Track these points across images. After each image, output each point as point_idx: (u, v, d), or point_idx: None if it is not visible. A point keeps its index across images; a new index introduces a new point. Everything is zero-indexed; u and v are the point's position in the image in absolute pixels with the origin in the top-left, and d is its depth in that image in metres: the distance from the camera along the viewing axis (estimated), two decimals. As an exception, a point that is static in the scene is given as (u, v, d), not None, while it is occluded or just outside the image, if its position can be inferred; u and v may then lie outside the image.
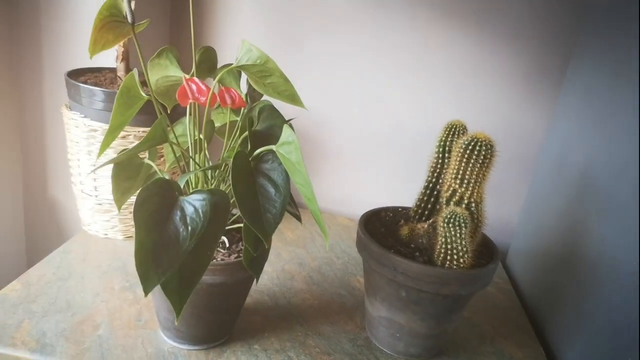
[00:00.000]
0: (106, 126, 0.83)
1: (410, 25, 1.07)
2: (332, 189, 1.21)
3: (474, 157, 0.65)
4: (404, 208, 0.82)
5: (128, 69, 0.89)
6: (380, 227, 0.77)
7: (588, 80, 0.91)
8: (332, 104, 1.15)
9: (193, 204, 0.52)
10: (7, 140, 1.00)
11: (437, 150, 0.74)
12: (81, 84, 0.82)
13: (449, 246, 0.65)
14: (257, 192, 0.59)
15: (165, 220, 0.50)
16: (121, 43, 0.88)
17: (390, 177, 1.18)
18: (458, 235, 0.65)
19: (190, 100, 0.63)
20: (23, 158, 1.04)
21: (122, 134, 0.84)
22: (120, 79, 0.89)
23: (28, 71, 0.98)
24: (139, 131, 0.85)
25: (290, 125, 0.65)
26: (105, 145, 0.59)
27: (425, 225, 0.71)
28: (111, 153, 0.85)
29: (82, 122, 0.84)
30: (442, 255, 0.66)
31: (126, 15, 0.54)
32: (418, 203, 0.76)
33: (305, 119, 1.16)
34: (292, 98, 0.62)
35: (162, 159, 0.89)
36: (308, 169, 1.20)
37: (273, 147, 0.59)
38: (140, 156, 0.70)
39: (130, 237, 0.93)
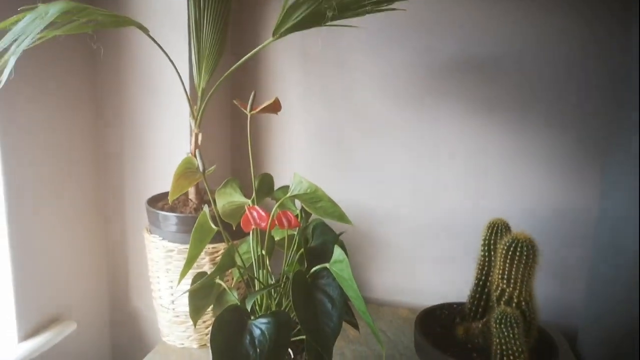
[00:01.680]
0: (180, 246, 0.94)
1: (450, 121, 1.15)
2: (391, 279, 1.25)
3: (517, 257, 0.69)
4: (459, 304, 0.85)
5: (198, 192, 1.01)
6: (436, 326, 0.80)
7: (627, 164, 0.93)
8: (382, 197, 1.22)
9: (260, 327, 0.59)
10: (95, 260, 1.13)
11: (482, 249, 0.78)
12: (159, 212, 0.95)
13: (504, 347, 0.67)
14: (315, 308, 0.65)
15: (237, 345, 0.57)
16: (191, 171, 1.01)
17: (449, 265, 1.21)
18: (511, 335, 0.67)
19: (253, 227, 0.72)
20: (107, 274, 1.17)
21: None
22: (192, 200, 1.01)
23: (113, 197, 1.13)
24: (208, 247, 0.95)
25: (341, 242, 0.72)
26: (183, 274, 0.68)
27: (480, 325, 0.74)
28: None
29: (160, 244, 0.95)
30: (498, 356, 0.68)
31: (198, 166, 0.65)
32: (471, 300, 0.79)
33: (359, 213, 1.23)
34: (340, 217, 0.69)
35: (229, 272, 0.98)
36: (366, 264, 1.26)
37: (327, 265, 0.66)
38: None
39: (204, 345, 1.00)
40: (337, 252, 0.65)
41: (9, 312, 0.92)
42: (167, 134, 1.08)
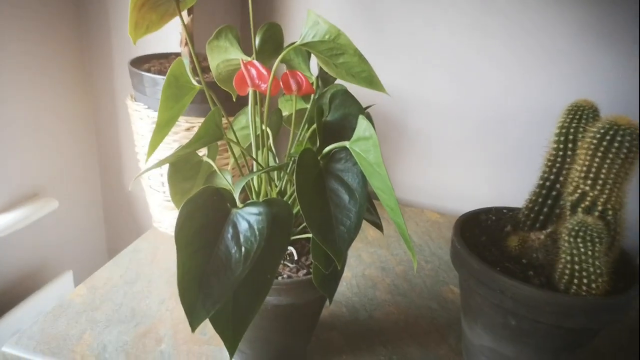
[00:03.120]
0: (170, 118, 0.76)
1: (515, -16, 0.89)
2: (419, 179, 1.08)
3: (613, 150, 0.49)
4: (510, 209, 0.67)
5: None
6: (480, 234, 0.63)
7: None
8: (419, 84, 1.00)
9: (247, 219, 0.42)
10: (83, 133, 0.98)
11: (556, 139, 0.58)
12: (143, 73, 0.76)
13: (576, 266, 0.50)
14: (327, 200, 0.48)
15: (215, 241, 0.41)
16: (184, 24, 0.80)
17: (493, 166, 1.02)
18: (590, 253, 0.49)
19: (250, 88, 0.54)
20: (99, 151, 1.02)
21: (185, 125, 0.77)
22: (185, 65, 0.82)
23: (99, 62, 0.95)
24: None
25: (368, 116, 0.53)
26: (153, 146, 0.51)
27: (542, 236, 0.56)
28: (171, 148, 0.79)
29: (145, 113, 0.78)
30: (566, 276, 0.51)
31: (167, -11, 0.45)
32: (530, 205, 0.61)
33: (389, 101, 1.02)
34: (370, 81, 0.50)
35: (228, 155, 0.81)
36: (392, 158, 1.08)
37: (346, 143, 0.48)
38: (200, 153, 0.62)
39: (200, 235, 0.87)
40: (362, 125, 0.46)
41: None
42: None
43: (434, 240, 0.94)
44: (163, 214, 0.87)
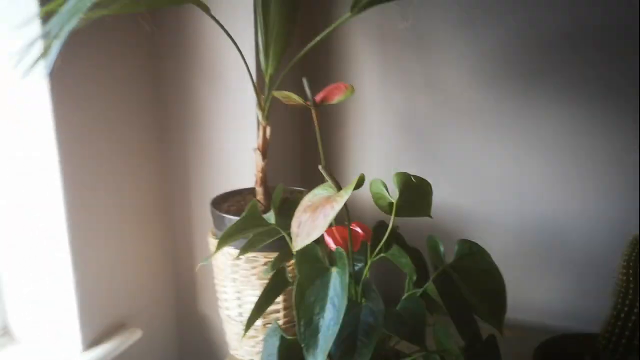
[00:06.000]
0: (248, 254, 0.83)
1: (560, 109, 0.96)
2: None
3: (688, 290, 0.51)
4: (586, 336, 0.68)
5: (267, 192, 0.90)
6: (561, 365, 0.64)
7: None
8: (471, 198, 1.05)
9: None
10: (160, 264, 1.06)
11: (623, 271, 0.61)
12: (224, 215, 0.85)
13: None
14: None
15: None
16: (259, 168, 0.90)
17: (552, 279, 1.02)
18: (680, 393, 0.50)
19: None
20: (174, 279, 1.10)
21: (263, 260, 0.83)
22: (260, 202, 0.90)
23: (177, 196, 1.05)
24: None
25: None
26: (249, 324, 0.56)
27: (627, 372, 0.57)
28: (249, 282, 0.85)
29: (226, 250, 0.85)
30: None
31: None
32: (607, 335, 0.62)
33: (445, 214, 1.07)
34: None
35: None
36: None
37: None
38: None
39: (275, 362, 0.90)
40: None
41: (73, 319, 0.87)
42: (232, 125, 0.98)
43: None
44: (240, 342, 0.91)
